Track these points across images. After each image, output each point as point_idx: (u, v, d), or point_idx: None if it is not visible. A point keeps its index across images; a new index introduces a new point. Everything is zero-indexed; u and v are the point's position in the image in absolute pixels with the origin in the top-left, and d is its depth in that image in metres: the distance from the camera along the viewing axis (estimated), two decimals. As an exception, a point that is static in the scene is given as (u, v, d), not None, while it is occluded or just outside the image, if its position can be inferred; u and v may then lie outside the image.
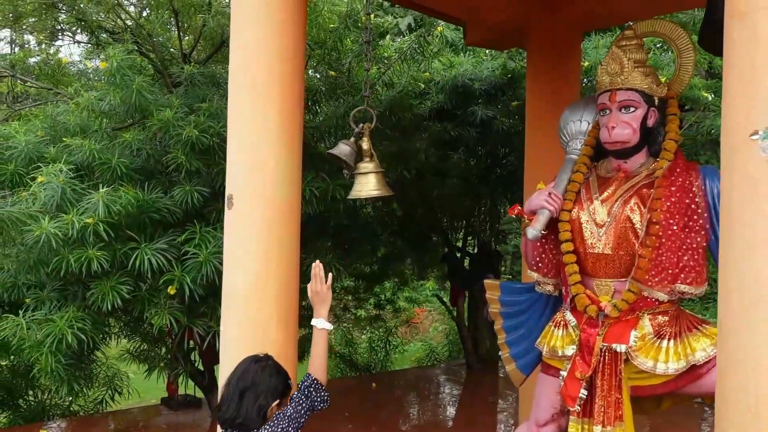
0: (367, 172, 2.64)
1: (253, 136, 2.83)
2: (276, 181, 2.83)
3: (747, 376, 1.39)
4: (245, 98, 2.85)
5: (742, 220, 1.34)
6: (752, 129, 1.29)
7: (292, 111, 2.87)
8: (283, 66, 2.84)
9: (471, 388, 7.74)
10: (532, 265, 3.17)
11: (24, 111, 6.65)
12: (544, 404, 3.10)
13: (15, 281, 4.18)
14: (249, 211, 2.83)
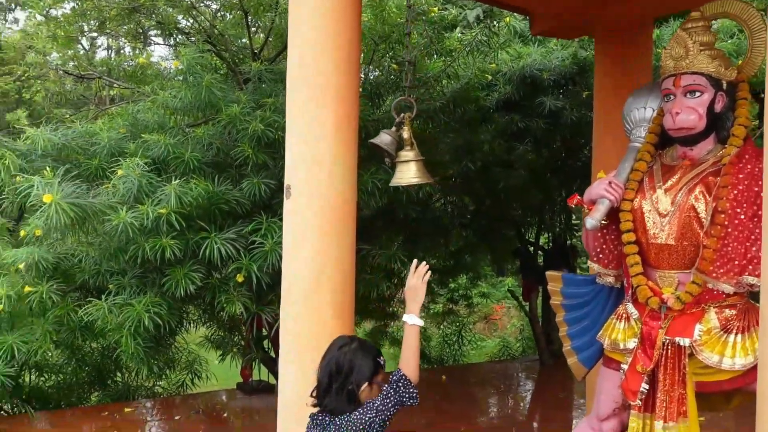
0: (408, 161, 2.67)
1: (310, 129, 2.91)
2: (332, 172, 2.89)
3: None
4: (302, 93, 2.93)
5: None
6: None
7: (347, 105, 2.92)
8: (339, 60, 2.90)
9: (542, 383, 7.64)
10: (593, 256, 3.10)
11: (109, 111, 7.06)
12: (605, 398, 3.03)
13: (99, 268, 4.46)
14: (306, 202, 2.91)
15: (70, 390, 6.68)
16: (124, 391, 6.81)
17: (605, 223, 2.91)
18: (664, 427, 2.67)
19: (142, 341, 4.18)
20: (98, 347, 6.76)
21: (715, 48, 2.80)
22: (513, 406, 6.80)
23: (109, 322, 4.19)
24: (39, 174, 3.86)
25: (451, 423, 5.58)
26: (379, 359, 2.28)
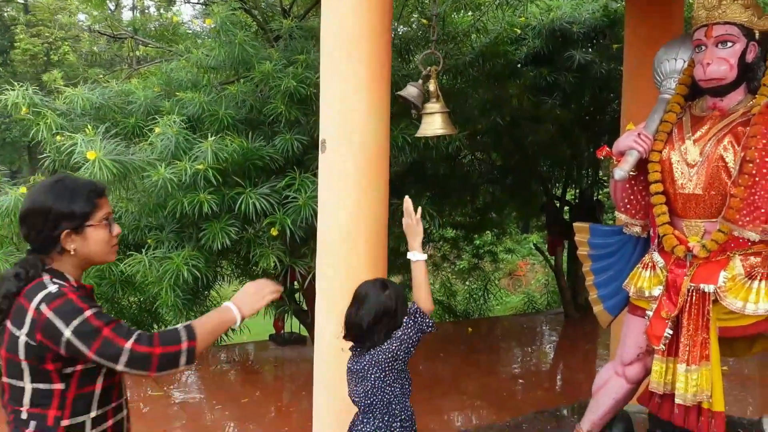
0: (433, 112, 2.74)
1: (344, 84, 2.98)
2: (366, 127, 2.97)
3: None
4: (336, 49, 2.99)
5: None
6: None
7: (380, 60, 2.98)
8: (372, 17, 2.95)
9: (567, 335, 7.76)
10: (620, 206, 3.17)
11: (142, 70, 7.18)
12: (630, 344, 3.14)
13: (138, 224, 4.62)
14: (341, 156, 3.00)
15: (111, 342, 6.95)
16: (162, 344, 7.06)
17: (634, 174, 2.97)
18: (687, 369, 2.77)
19: (181, 293, 4.35)
20: (136, 301, 7.02)
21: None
22: (538, 357, 6.95)
23: (149, 275, 4.36)
24: (81, 132, 3.99)
25: (478, 373, 5.74)
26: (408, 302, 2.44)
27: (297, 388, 5.70)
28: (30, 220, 1.82)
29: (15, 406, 1.80)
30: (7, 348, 1.78)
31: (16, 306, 1.77)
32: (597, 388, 3.32)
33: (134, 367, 1.77)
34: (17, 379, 1.78)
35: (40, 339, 1.73)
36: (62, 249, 1.83)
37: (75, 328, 1.71)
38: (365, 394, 2.33)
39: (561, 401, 4.91)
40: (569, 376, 6.15)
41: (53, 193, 1.82)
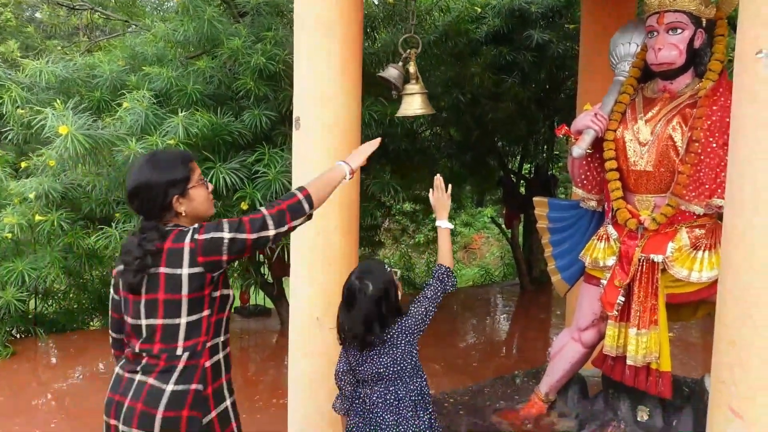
0: (413, 93, 2.87)
1: (318, 63, 3.07)
2: (338, 104, 3.08)
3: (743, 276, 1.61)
4: (310, 28, 3.07)
5: (746, 129, 1.52)
6: (759, 47, 1.46)
7: (352, 39, 3.09)
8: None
9: (523, 306, 8.05)
10: (577, 182, 3.37)
11: (102, 42, 7.05)
12: (586, 311, 3.36)
13: (106, 198, 4.64)
14: (314, 132, 3.11)
15: (73, 316, 6.95)
16: (125, 317, 7.08)
17: (590, 152, 3.15)
18: (638, 333, 3.00)
19: (150, 267, 4.40)
20: (98, 275, 7.01)
21: (697, -13, 2.98)
22: (495, 327, 7.21)
23: (118, 249, 4.40)
24: (49, 106, 3.97)
25: (437, 343, 5.94)
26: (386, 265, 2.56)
27: (263, 359, 5.83)
28: (142, 195, 2.04)
29: (168, 343, 2.05)
30: (165, 290, 2.02)
31: (168, 252, 2.02)
32: (554, 352, 3.53)
33: (278, 225, 2.10)
34: (174, 317, 2.04)
35: (203, 260, 2.01)
36: (175, 212, 2.08)
37: (227, 228, 2.02)
38: (394, 361, 2.42)
39: (519, 367, 5.15)
40: (525, 344, 6.41)
41: (155, 167, 2.06)
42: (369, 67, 4.34)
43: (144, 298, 2.04)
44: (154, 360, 2.05)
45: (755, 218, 1.59)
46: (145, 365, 2.06)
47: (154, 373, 2.04)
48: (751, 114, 1.53)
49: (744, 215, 1.61)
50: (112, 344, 2.28)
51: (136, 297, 2.05)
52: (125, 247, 2.06)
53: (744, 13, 1.55)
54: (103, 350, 5.84)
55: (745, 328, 1.66)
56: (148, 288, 2.04)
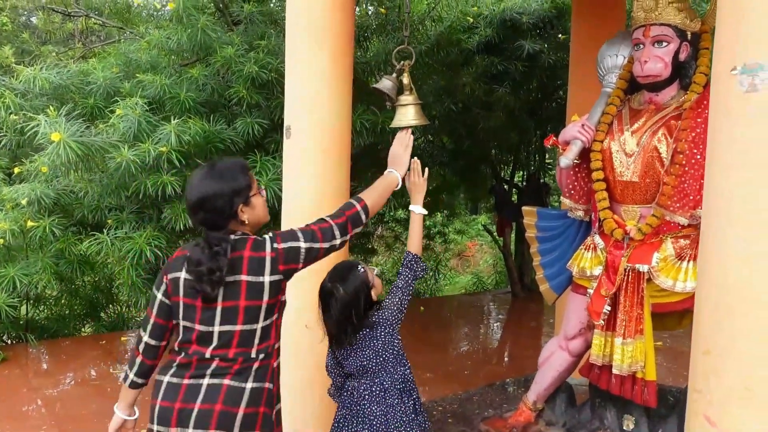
0: (407, 104, 2.90)
1: (309, 72, 3.11)
2: (329, 113, 3.12)
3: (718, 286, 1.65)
4: (302, 38, 3.12)
5: (721, 143, 1.56)
6: (734, 64, 1.49)
7: (343, 48, 3.13)
8: (336, 6, 3.09)
9: (514, 314, 8.08)
10: (565, 192, 3.41)
11: (97, 49, 7.07)
12: (573, 320, 3.39)
13: (98, 204, 4.66)
14: (305, 140, 3.15)
15: (64, 322, 6.95)
16: (117, 323, 7.10)
17: (577, 162, 3.20)
18: (623, 342, 3.03)
19: (142, 272, 4.42)
20: (90, 281, 7.01)
21: (682, 1, 3.03)
22: (487, 334, 7.24)
23: (110, 255, 4.42)
24: (43, 113, 4.00)
25: (429, 350, 5.97)
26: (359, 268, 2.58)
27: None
28: (208, 206, 2.08)
29: (244, 348, 2.10)
30: (247, 297, 2.08)
31: (249, 260, 2.08)
32: (542, 361, 3.56)
33: (343, 234, 2.25)
34: (252, 323, 2.10)
35: (283, 268, 2.12)
36: (240, 221, 2.13)
37: (302, 238, 2.15)
38: (376, 353, 2.50)
39: (509, 375, 5.18)
40: (516, 351, 6.44)
41: (218, 178, 2.10)
42: (361, 76, 4.38)
43: (221, 305, 2.07)
44: (228, 363, 2.09)
45: (729, 229, 1.63)
46: (216, 368, 2.09)
47: (229, 375, 2.08)
48: (726, 128, 1.56)
49: (719, 226, 1.65)
50: (144, 351, 2.20)
51: (209, 305, 2.08)
52: (194, 258, 2.06)
53: (720, 29, 1.59)
54: (95, 357, 5.84)
55: (719, 337, 1.70)
56: (227, 296, 2.07)
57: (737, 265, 1.62)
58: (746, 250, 1.60)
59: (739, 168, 1.56)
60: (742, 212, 1.61)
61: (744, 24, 1.48)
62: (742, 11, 1.48)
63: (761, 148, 1.52)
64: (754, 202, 1.55)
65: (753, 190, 1.54)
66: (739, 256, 1.62)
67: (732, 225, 1.60)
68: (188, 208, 2.13)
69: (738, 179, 1.56)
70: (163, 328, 2.18)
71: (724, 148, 1.58)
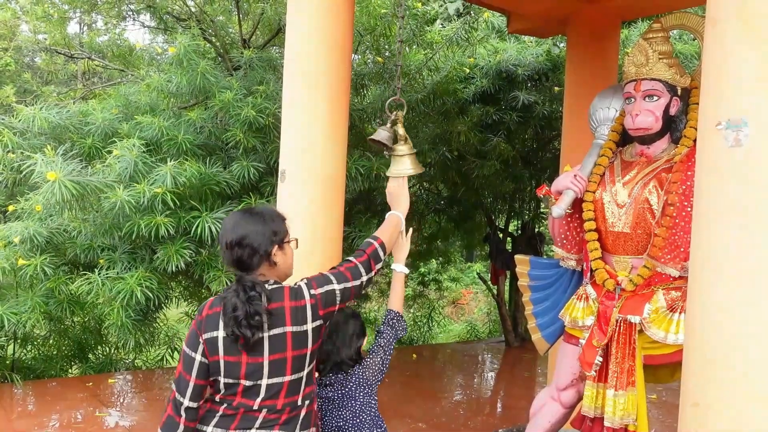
0: (403, 155, 2.94)
1: (304, 117, 3.16)
2: (324, 159, 3.15)
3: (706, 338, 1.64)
4: (298, 84, 3.17)
5: (707, 197, 1.58)
6: (718, 119, 1.53)
7: (339, 96, 3.18)
8: (332, 55, 3.16)
9: (507, 363, 7.99)
10: (557, 241, 3.42)
11: (97, 90, 7.17)
12: (565, 370, 3.36)
13: (91, 243, 4.64)
14: (299, 185, 3.17)
15: (51, 362, 6.84)
16: (105, 364, 7.00)
17: (569, 212, 3.22)
18: (615, 395, 3.00)
19: (132, 314, 4.39)
20: (80, 321, 6.93)
21: (672, 57, 3.11)
22: (480, 384, 7.15)
23: (101, 295, 4.39)
24: (41, 152, 4.03)
25: (421, 399, 5.89)
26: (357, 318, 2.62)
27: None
28: (246, 242, 2.10)
29: (291, 397, 2.11)
30: (293, 347, 2.08)
31: (291, 310, 2.09)
32: (534, 411, 3.52)
33: (368, 272, 2.30)
34: (299, 371, 2.11)
35: (323, 312, 2.14)
36: (272, 263, 2.16)
37: (335, 280, 2.19)
38: (354, 414, 2.47)
39: (501, 425, 5.10)
40: (509, 402, 6.35)
41: (256, 218, 2.16)
42: (357, 123, 4.44)
43: (268, 359, 2.05)
44: (276, 414, 2.08)
45: (715, 282, 1.63)
46: (264, 421, 2.07)
47: (278, 425, 2.08)
48: (711, 183, 1.59)
49: (705, 279, 1.65)
50: (187, 415, 2.10)
51: (255, 359, 2.05)
52: (229, 304, 2.04)
53: (705, 84, 1.63)
54: (81, 399, 5.74)
55: (707, 389, 1.68)
56: (273, 348, 2.05)
57: (723, 317, 1.62)
58: (731, 302, 1.60)
59: (724, 222, 1.57)
60: (726, 266, 1.62)
61: (727, 79, 1.52)
62: (725, 67, 1.52)
63: (745, 202, 1.54)
64: (738, 256, 1.57)
65: (738, 243, 1.56)
66: (724, 308, 1.62)
67: (718, 277, 1.60)
68: (224, 244, 2.13)
69: (724, 233, 1.58)
70: (203, 387, 2.14)
71: (709, 202, 1.60)
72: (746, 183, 1.54)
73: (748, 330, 1.60)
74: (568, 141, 4.91)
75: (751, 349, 1.60)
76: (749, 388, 1.63)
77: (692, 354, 1.79)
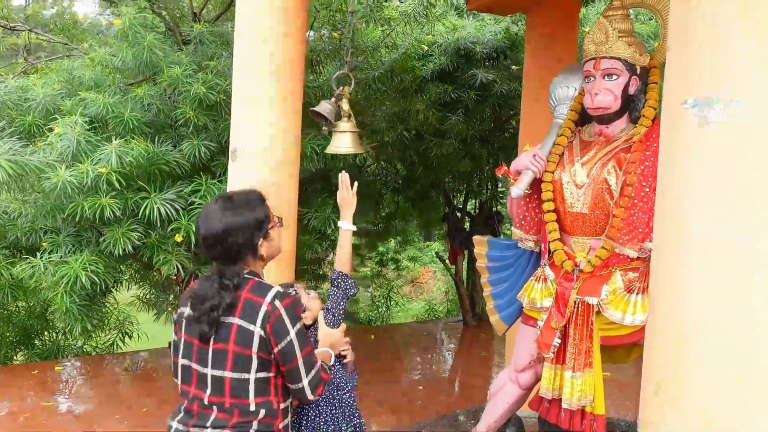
0: (344, 131, 2.86)
1: (256, 93, 3.02)
2: (276, 137, 3.03)
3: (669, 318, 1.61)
4: (249, 57, 3.03)
5: (674, 175, 1.53)
6: (684, 98, 1.48)
7: (292, 71, 3.05)
8: (285, 26, 3.02)
9: (465, 343, 8.04)
10: (516, 222, 3.38)
11: (40, 65, 6.84)
12: (523, 352, 3.34)
13: (33, 226, 4.43)
14: (251, 164, 3.04)
15: (-5, 349, 6.59)
16: (52, 351, 6.77)
17: (528, 193, 3.18)
18: (572, 376, 3.00)
19: (77, 299, 4.21)
20: (25, 306, 6.68)
21: (632, 35, 3.07)
22: (438, 364, 7.17)
23: (43, 280, 4.20)
24: (-27, 129, 3.80)
25: (379, 380, 5.86)
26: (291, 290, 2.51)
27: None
28: (231, 240, 1.97)
29: (239, 398, 1.96)
30: (236, 342, 1.93)
31: (245, 303, 1.95)
32: (493, 393, 3.51)
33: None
34: (243, 371, 1.95)
35: (269, 331, 1.94)
36: (258, 255, 2.04)
37: (298, 331, 1.98)
38: None
39: (459, 406, 5.11)
40: (467, 381, 6.38)
41: (238, 210, 2.01)
42: (313, 101, 4.30)
43: (212, 346, 1.95)
44: (226, 414, 1.96)
45: (687, 261, 1.59)
46: (216, 420, 1.96)
47: (228, 428, 1.95)
48: (678, 161, 1.54)
49: (674, 258, 1.61)
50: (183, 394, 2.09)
51: (204, 344, 1.97)
52: (199, 292, 1.96)
53: (671, 62, 1.58)
54: (27, 387, 5.53)
55: (676, 369, 1.65)
56: (217, 337, 1.95)
57: (694, 295, 1.58)
58: (704, 280, 1.57)
59: (691, 200, 1.53)
60: (700, 244, 1.58)
61: (694, 57, 1.47)
62: (692, 44, 1.46)
63: (714, 180, 1.50)
64: (711, 234, 1.52)
65: (709, 221, 1.52)
66: (696, 286, 1.58)
67: (689, 256, 1.56)
68: (203, 241, 2.00)
69: (691, 211, 1.53)
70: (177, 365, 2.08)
71: (676, 181, 1.55)
72: (714, 160, 1.49)
73: (721, 308, 1.57)
74: (526, 120, 4.87)
75: (719, 331, 1.57)
76: (720, 365, 1.60)
77: (658, 333, 1.75)
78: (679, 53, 1.53)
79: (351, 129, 2.85)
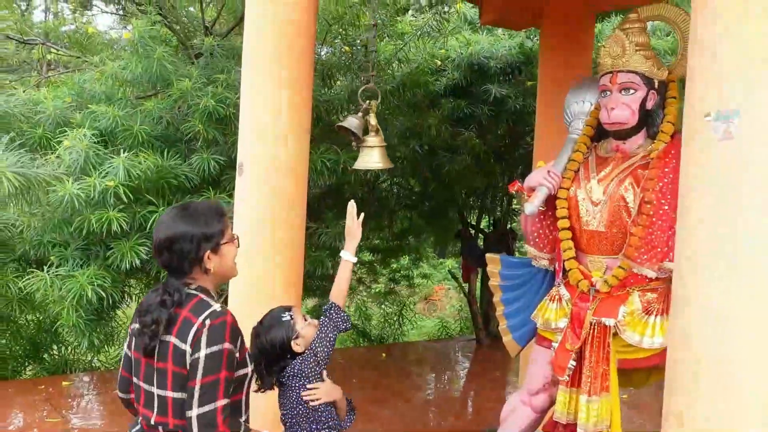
0: (372, 146, 2.78)
1: (264, 108, 2.97)
2: (284, 150, 2.96)
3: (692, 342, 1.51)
4: (257, 71, 2.98)
5: (695, 194, 1.44)
6: (707, 111, 1.39)
7: (301, 84, 2.99)
8: (294, 40, 2.97)
9: (478, 362, 7.89)
10: (529, 240, 3.29)
11: (54, 78, 6.86)
12: (537, 374, 3.23)
13: (41, 239, 4.40)
14: (258, 179, 2.98)
15: (4, 363, 6.55)
16: (60, 365, 6.72)
17: (542, 210, 3.08)
18: (588, 400, 2.88)
19: (84, 314, 4.16)
20: (34, 320, 6.65)
21: (649, 49, 2.98)
22: (450, 383, 7.03)
23: (50, 294, 4.16)
24: (-18, 142, 3.78)
25: (391, 399, 5.75)
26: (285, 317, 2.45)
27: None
28: (175, 248, 1.94)
29: (182, 419, 1.87)
30: (173, 361, 1.88)
31: (182, 321, 1.89)
32: (505, 416, 3.39)
33: None
34: (182, 391, 1.88)
35: (191, 346, 1.87)
36: (204, 269, 1.98)
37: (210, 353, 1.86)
38: (291, 407, 2.38)
39: (471, 427, 4.98)
40: (479, 402, 6.24)
41: (188, 219, 1.97)
42: (323, 114, 4.26)
43: (156, 365, 1.91)
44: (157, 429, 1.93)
45: (707, 281, 1.50)
46: None
47: None
48: (700, 176, 1.45)
49: (693, 279, 1.52)
50: (125, 405, 2.13)
51: (150, 361, 1.93)
52: (144, 305, 1.93)
53: (692, 75, 1.49)
54: (36, 401, 5.48)
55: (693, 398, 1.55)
56: (159, 356, 1.91)
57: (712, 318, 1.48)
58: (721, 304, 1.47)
59: (713, 216, 1.44)
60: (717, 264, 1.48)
61: (718, 71, 1.38)
62: (715, 57, 1.38)
63: (736, 196, 1.41)
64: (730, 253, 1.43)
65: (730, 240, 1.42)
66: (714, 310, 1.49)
67: (712, 275, 1.46)
68: (154, 247, 1.99)
69: (713, 229, 1.44)
70: (127, 381, 2.06)
71: (698, 196, 1.46)
72: (736, 176, 1.40)
73: (739, 332, 1.47)
74: (541, 136, 4.79)
75: (743, 355, 1.47)
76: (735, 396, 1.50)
77: (676, 360, 1.65)
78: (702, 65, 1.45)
79: (379, 144, 2.78)
